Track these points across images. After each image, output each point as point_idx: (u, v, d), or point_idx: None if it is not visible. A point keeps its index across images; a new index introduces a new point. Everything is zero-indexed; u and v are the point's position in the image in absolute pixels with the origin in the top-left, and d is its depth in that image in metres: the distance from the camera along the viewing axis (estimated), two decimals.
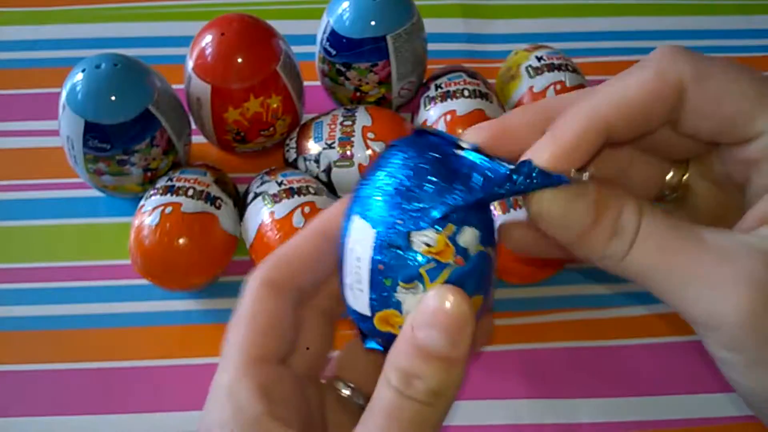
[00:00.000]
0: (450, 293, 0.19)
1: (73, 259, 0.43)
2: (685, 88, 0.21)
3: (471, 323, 0.19)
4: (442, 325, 0.19)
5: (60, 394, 0.39)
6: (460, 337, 0.19)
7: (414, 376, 0.19)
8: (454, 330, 0.19)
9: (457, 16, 0.55)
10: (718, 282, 0.19)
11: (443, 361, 0.19)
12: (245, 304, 0.22)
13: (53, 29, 0.54)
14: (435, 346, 0.19)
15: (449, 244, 0.20)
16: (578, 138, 0.20)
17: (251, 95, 0.41)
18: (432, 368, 0.19)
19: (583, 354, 0.40)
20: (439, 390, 0.19)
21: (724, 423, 0.38)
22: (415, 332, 0.19)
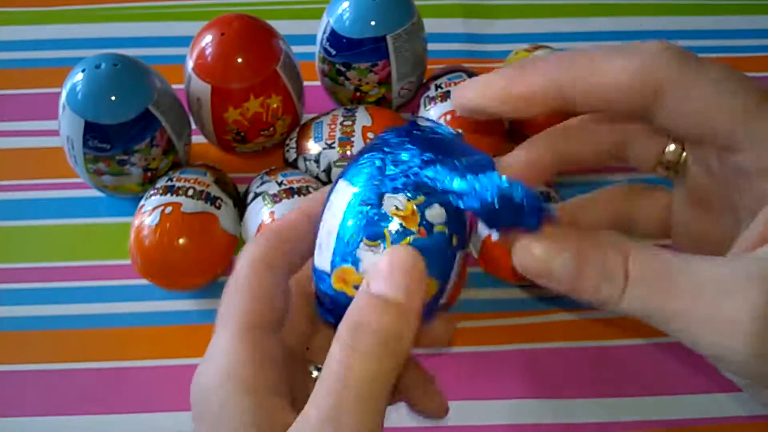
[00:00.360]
0: (403, 247, 0.20)
1: (73, 259, 0.43)
2: (664, 91, 0.20)
3: (421, 273, 0.19)
4: (393, 271, 0.19)
5: (60, 394, 0.39)
6: (410, 283, 0.19)
7: (363, 327, 0.19)
8: (404, 275, 0.19)
9: (457, 16, 0.55)
10: (720, 322, 0.19)
11: (391, 306, 0.19)
12: (239, 277, 0.23)
13: (53, 29, 0.54)
14: (386, 292, 0.19)
15: (416, 212, 0.20)
16: (532, 92, 0.21)
17: (251, 95, 0.41)
18: (378, 314, 0.19)
19: (583, 354, 0.40)
20: (386, 339, 0.19)
21: (724, 423, 0.38)
22: (370, 285, 0.20)
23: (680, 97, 0.20)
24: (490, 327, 0.41)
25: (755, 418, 0.38)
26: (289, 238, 0.24)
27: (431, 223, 0.21)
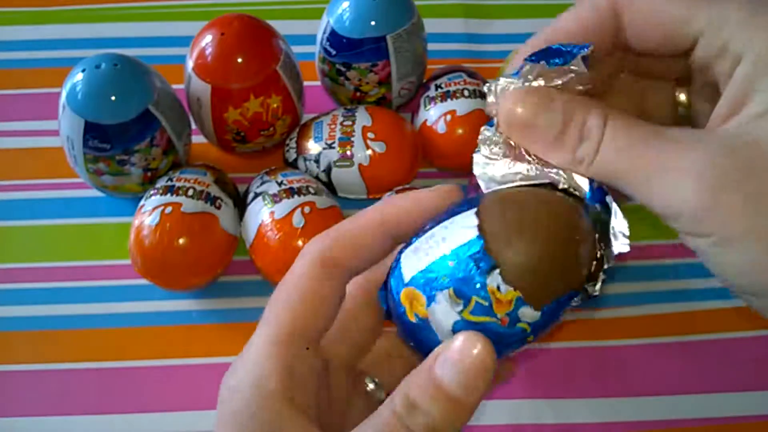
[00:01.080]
0: (480, 341, 0.19)
1: (73, 259, 0.43)
2: (619, 11, 0.22)
3: (489, 377, 0.19)
4: (463, 367, 0.19)
5: (60, 394, 0.39)
6: (476, 384, 0.19)
7: (418, 408, 0.19)
8: (473, 376, 0.19)
9: (458, 16, 0.55)
10: (677, 170, 0.20)
11: (451, 402, 0.19)
12: (294, 275, 0.22)
13: (53, 29, 0.54)
14: (449, 385, 0.19)
15: (512, 303, 0.20)
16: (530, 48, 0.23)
17: (251, 95, 0.41)
18: (438, 406, 0.19)
19: (583, 354, 0.40)
20: (437, 429, 0.19)
21: (724, 423, 0.38)
22: (434, 366, 0.19)
23: (633, 8, 0.22)
24: None
25: (755, 418, 0.38)
26: (355, 243, 0.23)
27: (518, 318, 0.20)
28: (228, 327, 0.41)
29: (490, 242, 0.20)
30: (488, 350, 0.19)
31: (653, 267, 0.43)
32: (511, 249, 0.20)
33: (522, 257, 0.20)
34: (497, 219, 0.21)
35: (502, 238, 0.20)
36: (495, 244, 0.20)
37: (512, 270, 0.20)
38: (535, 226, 0.21)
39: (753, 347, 0.40)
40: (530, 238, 0.20)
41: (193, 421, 0.38)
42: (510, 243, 0.20)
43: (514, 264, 0.20)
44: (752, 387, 0.39)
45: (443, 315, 0.20)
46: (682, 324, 0.41)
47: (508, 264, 0.20)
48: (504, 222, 0.21)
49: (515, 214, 0.21)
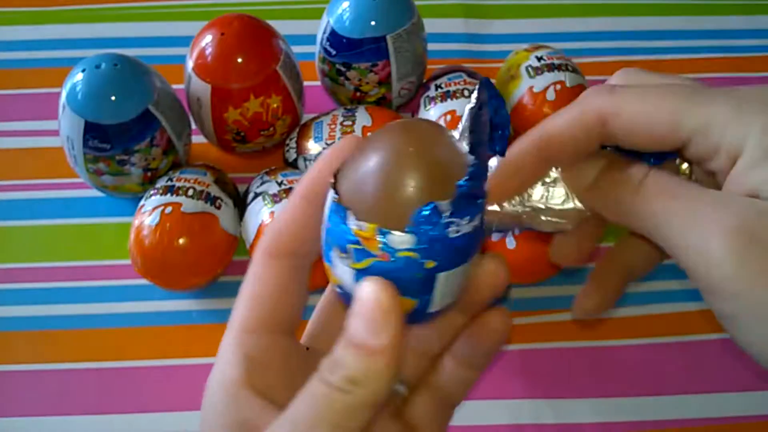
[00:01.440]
0: (369, 281, 0.20)
1: (73, 259, 0.43)
2: (605, 119, 0.24)
3: (389, 315, 0.19)
4: (362, 313, 0.20)
5: (60, 394, 0.39)
6: (378, 326, 0.19)
7: (337, 363, 0.20)
8: (371, 318, 0.19)
9: (458, 16, 0.55)
10: (707, 222, 0.20)
11: (361, 349, 0.19)
12: (247, 273, 0.23)
13: (53, 29, 0.54)
14: (355, 334, 0.20)
15: (376, 235, 0.20)
16: (519, 160, 0.25)
17: (251, 95, 0.41)
18: (351, 356, 0.20)
19: (583, 354, 0.40)
20: (356, 378, 0.19)
21: (724, 423, 0.38)
22: (348, 326, 0.20)
23: (620, 115, 0.24)
24: None
25: (755, 418, 0.38)
26: (286, 227, 0.23)
27: (394, 248, 0.20)
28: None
29: (339, 191, 0.21)
30: (378, 287, 0.19)
31: None
32: (346, 184, 0.21)
33: (352, 187, 0.20)
34: (343, 168, 0.21)
35: (342, 181, 0.21)
36: (342, 190, 0.21)
37: (355, 205, 0.20)
38: (365, 155, 0.21)
39: None
40: (357, 167, 0.21)
41: (193, 421, 0.38)
42: (345, 179, 0.21)
43: (353, 200, 0.20)
44: (752, 387, 0.39)
45: (343, 274, 0.21)
46: (682, 324, 0.41)
47: (351, 202, 0.20)
48: (345, 168, 0.21)
49: (356, 156, 0.21)
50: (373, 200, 0.20)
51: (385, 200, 0.20)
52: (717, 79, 0.52)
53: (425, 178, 0.20)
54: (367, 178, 0.20)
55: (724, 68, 0.53)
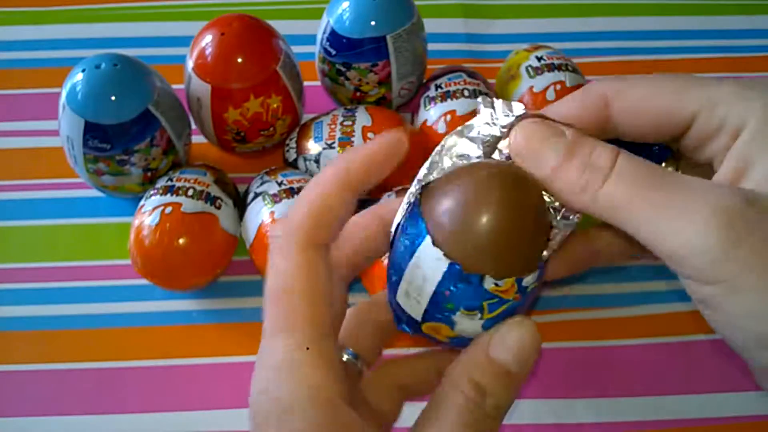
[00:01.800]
0: (525, 321, 0.22)
1: (73, 259, 0.43)
2: (608, 100, 0.24)
3: (538, 348, 0.22)
4: (518, 349, 0.22)
5: (60, 394, 0.39)
6: (529, 358, 0.22)
7: (485, 389, 0.22)
8: (527, 355, 0.22)
9: (458, 16, 0.55)
10: (687, 210, 0.20)
11: (511, 380, 0.22)
12: (289, 270, 0.22)
13: (53, 29, 0.54)
14: (510, 367, 0.22)
15: (514, 285, 0.21)
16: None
17: (251, 95, 0.41)
18: (500, 386, 0.22)
19: (583, 354, 0.40)
20: (501, 405, 0.22)
21: (724, 423, 0.38)
22: (493, 353, 0.22)
23: (621, 98, 0.24)
24: None
25: (755, 418, 0.38)
26: (330, 214, 0.23)
27: (526, 287, 0.22)
28: (228, 327, 0.41)
29: (463, 263, 0.21)
30: (533, 330, 0.22)
31: (653, 267, 0.43)
32: (478, 253, 0.21)
33: (489, 252, 0.21)
34: (449, 230, 0.21)
35: (466, 249, 0.21)
36: (468, 261, 0.21)
37: (494, 268, 0.21)
38: (470, 211, 0.21)
39: None
40: (469, 224, 0.21)
41: (193, 421, 0.38)
42: (473, 248, 0.21)
43: (489, 263, 0.21)
44: (752, 387, 0.39)
45: (470, 326, 0.22)
46: (682, 324, 0.41)
47: (486, 266, 0.21)
48: (455, 230, 0.21)
49: (458, 214, 0.21)
50: (510, 255, 0.21)
51: (521, 252, 0.22)
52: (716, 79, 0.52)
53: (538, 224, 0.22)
54: (497, 236, 0.21)
55: (724, 68, 0.53)
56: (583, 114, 0.24)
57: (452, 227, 0.21)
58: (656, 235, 0.20)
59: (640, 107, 0.24)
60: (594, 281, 0.42)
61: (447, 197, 0.22)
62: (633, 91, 0.24)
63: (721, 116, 0.22)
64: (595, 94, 0.24)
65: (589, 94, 0.24)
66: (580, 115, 0.24)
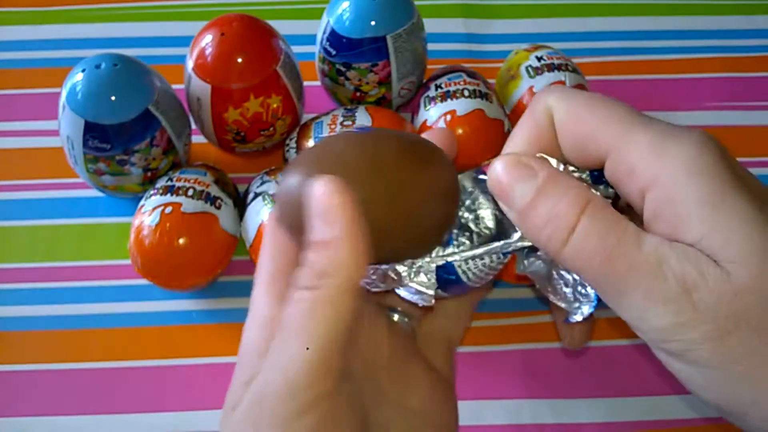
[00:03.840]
0: (321, 183, 0.21)
1: (73, 259, 0.43)
2: (552, 115, 0.23)
3: (343, 207, 0.21)
4: (316, 213, 0.21)
5: (60, 394, 0.39)
6: (330, 218, 0.21)
7: (305, 266, 0.21)
8: (325, 214, 0.21)
9: (457, 16, 0.55)
10: (650, 295, 0.20)
11: (319, 244, 0.21)
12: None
13: (53, 29, 0.54)
14: (314, 234, 0.21)
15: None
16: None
17: (251, 95, 0.41)
18: (313, 254, 0.21)
19: (583, 354, 0.40)
20: (323, 271, 0.21)
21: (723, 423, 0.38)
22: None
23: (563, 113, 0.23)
24: (490, 327, 0.41)
25: None
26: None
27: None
28: (228, 327, 0.41)
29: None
30: (324, 184, 0.21)
31: None
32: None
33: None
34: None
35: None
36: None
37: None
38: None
39: None
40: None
41: (193, 421, 0.38)
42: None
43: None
44: None
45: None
46: None
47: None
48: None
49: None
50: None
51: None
52: (717, 79, 0.52)
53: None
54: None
55: (723, 68, 0.53)
56: (540, 139, 0.24)
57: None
58: (620, 308, 0.21)
59: (565, 127, 0.23)
60: None
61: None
62: (566, 108, 0.23)
63: (630, 163, 0.21)
64: (542, 110, 0.24)
65: (536, 115, 0.24)
66: (537, 141, 0.24)
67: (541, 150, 0.24)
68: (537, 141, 0.24)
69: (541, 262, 0.25)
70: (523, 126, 0.24)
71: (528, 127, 0.24)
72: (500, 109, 0.45)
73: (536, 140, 0.24)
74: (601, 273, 0.21)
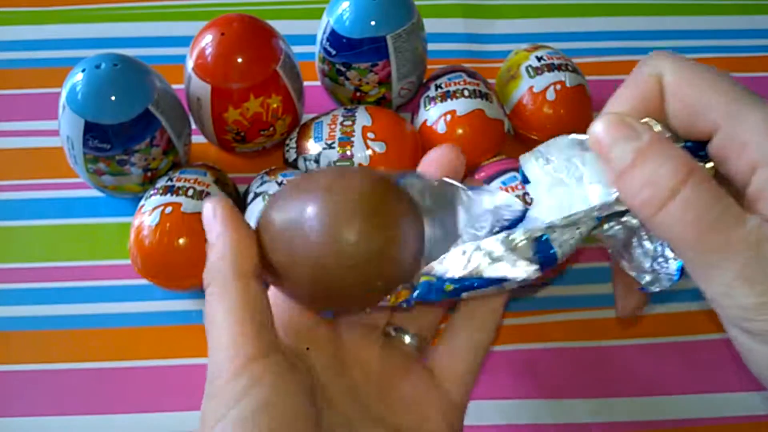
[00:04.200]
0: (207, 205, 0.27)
1: (73, 259, 0.43)
2: (662, 79, 0.23)
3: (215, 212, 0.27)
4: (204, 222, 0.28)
5: (60, 394, 0.39)
6: (209, 225, 0.27)
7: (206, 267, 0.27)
8: (205, 223, 0.28)
9: (457, 16, 0.55)
10: (743, 273, 0.20)
11: (207, 248, 0.28)
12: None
13: (53, 29, 0.54)
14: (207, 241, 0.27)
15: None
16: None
17: (251, 95, 0.41)
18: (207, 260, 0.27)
19: (583, 354, 0.40)
20: (209, 267, 0.27)
21: (723, 423, 0.38)
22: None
23: (674, 80, 0.23)
24: None
25: (755, 418, 0.38)
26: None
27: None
28: None
29: None
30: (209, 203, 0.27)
31: None
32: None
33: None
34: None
35: None
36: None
37: None
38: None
39: None
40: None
41: (193, 422, 0.38)
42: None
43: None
44: (752, 387, 0.39)
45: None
46: (682, 324, 0.41)
47: None
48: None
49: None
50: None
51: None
52: None
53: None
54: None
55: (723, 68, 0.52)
56: (642, 99, 0.23)
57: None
58: (706, 281, 0.21)
59: (676, 93, 0.23)
60: (594, 281, 0.42)
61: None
62: (679, 73, 0.23)
63: (742, 141, 0.21)
64: (650, 73, 0.23)
65: (642, 78, 0.23)
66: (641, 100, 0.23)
67: (645, 114, 0.23)
68: (641, 104, 0.23)
69: (622, 228, 0.25)
70: (627, 88, 0.24)
71: (633, 89, 0.23)
72: (500, 109, 0.45)
73: (641, 103, 0.23)
74: (696, 244, 0.20)
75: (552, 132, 0.44)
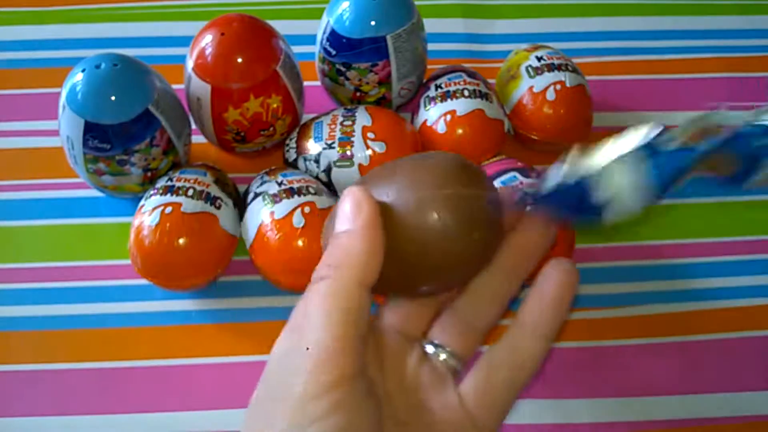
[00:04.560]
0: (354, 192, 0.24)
1: (73, 259, 0.43)
2: None
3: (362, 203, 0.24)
4: (339, 208, 0.24)
5: (60, 394, 0.39)
6: (351, 214, 0.24)
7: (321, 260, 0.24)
8: (346, 212, 0.24)
9: (457, 16, 0.55)
10: None
11: (338, 236, 0.24)
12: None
13: (53, 29, 0.54)
14: (336, 227, 0.24)
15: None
16: None
17: (251, 95, 0.41)
18: (330, 247, 0.23)
19: (583, 354, 0.40)
20: (332, 262, 0.23)
21: (724, 423, 0.38)
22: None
23: None
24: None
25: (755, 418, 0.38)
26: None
27: None
28: (228, 327, 0.41)
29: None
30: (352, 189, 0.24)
31: (653, 267, 0.43)
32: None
33: None
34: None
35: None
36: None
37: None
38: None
39: (753, 347, 0.40)
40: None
41: (193, 421, 0.38)
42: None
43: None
44: (752, 387, 0.39)
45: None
46: (682, 324, 0.41)
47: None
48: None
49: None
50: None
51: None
52: (717, 79, 0.52)
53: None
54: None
55: (724, 68, 0.53)
56: None
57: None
58: None
59: None
60: (594, 281, 0.42)
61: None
62: None
63: None
64: None
65: None
66: None
67: None
68: None
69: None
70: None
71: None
72: (500, 109, 0.45)
73: None
74: None
75: (552, 132, 0.44)
